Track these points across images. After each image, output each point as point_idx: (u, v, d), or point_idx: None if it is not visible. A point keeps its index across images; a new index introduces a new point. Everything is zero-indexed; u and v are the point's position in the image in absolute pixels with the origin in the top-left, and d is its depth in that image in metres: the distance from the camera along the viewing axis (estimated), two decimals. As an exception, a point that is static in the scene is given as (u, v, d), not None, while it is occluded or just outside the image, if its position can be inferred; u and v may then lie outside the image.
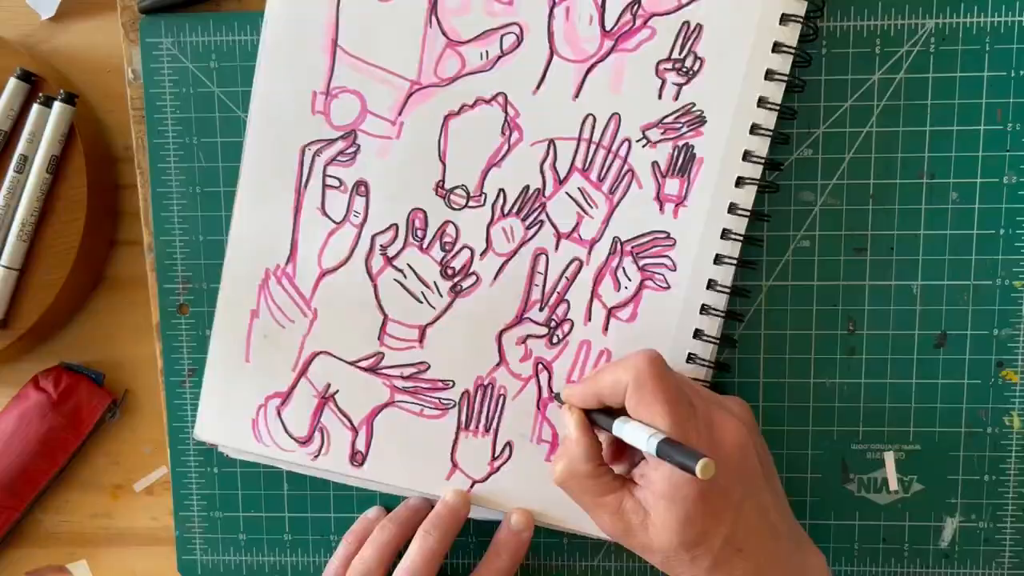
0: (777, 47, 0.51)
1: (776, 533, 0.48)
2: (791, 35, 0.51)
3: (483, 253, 0.55)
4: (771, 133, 0.52)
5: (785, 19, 0.51)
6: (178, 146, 0.58)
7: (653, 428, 0.45)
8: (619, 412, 0.49)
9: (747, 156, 0.52)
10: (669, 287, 0.54)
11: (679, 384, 0.48)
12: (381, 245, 0.55)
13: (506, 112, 0.53)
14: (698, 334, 0.54)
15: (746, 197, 0.53)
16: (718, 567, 0.46)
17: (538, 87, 0.53)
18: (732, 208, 0.53)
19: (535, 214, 0.54)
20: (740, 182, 0.52)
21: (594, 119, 0.53)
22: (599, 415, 0.50)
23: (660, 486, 0.46)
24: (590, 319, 0.55)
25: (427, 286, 0.55)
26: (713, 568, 0.46)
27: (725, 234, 0.53)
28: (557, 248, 0.54)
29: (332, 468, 0.57)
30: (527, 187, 0.54)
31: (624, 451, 0.52)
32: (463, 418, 0.56)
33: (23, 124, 0.57)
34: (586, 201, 0.54)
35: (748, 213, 0.53)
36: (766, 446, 0.53)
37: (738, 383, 0.57)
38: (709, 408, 0.48)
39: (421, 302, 0.56)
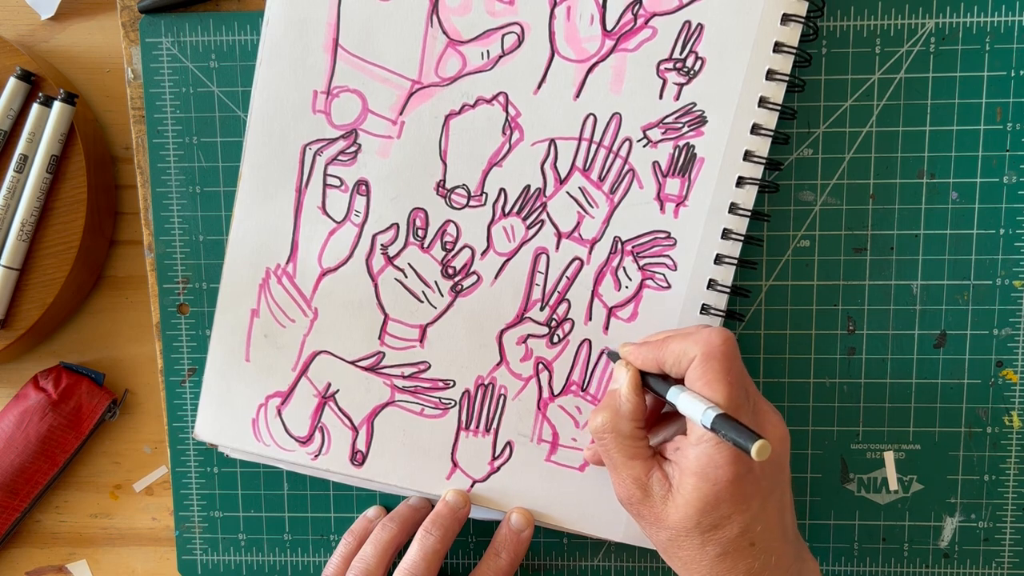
0: (778, 47, 0.51)
1: (786, 535, 0.48)
2: (792, 35, 0.51)
3: (484, 252, 0.55)
4: (772, 133, 0.52)
5: (786, 19, 0.51)
6: (178, 146, 0.58)
7: (710, 402, 0.45)
8: (673, 381, 0.49)
9: (748, 156, 0.52)
10: (669, 287, 0.54)
11: (742, 370, 0.48)
12: (382, 244, 0.55)
13: (507, 112, 0.54)
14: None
15: (746, 197, 0.53)
16: (726, 556, 0.46)
17: (539, 87, 0.53)
18: (732, 208, 0.53)
19: (536, 213, 0.54)
20: (741, 182, 0.53)
21: (595, 119, 0.53)
22: (654, 379, 0.50)
23: (694, 463, 0.46)
24: (591, 318, 0.55)
25: (428, 285, 0.55)
26: (721, 557, 0.46)
27: (725, 234, 0.53)
28: (558, 248, 0.54)
29: (332, 468, 0.57)
30: (528, 187, 0.54)
31: (658, 425, 0.53)
32: (463, 418, 0.56)
33: (23, 124, 0.57)
34: (587, 201, 0.54)
35: (748, 213, 0.53)
36: None
37: (738, 383, 0.57)
38: (759, 400, 0.49)
39: (422, 301, 0.56)
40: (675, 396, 0.47)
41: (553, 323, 0.55)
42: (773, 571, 0.47)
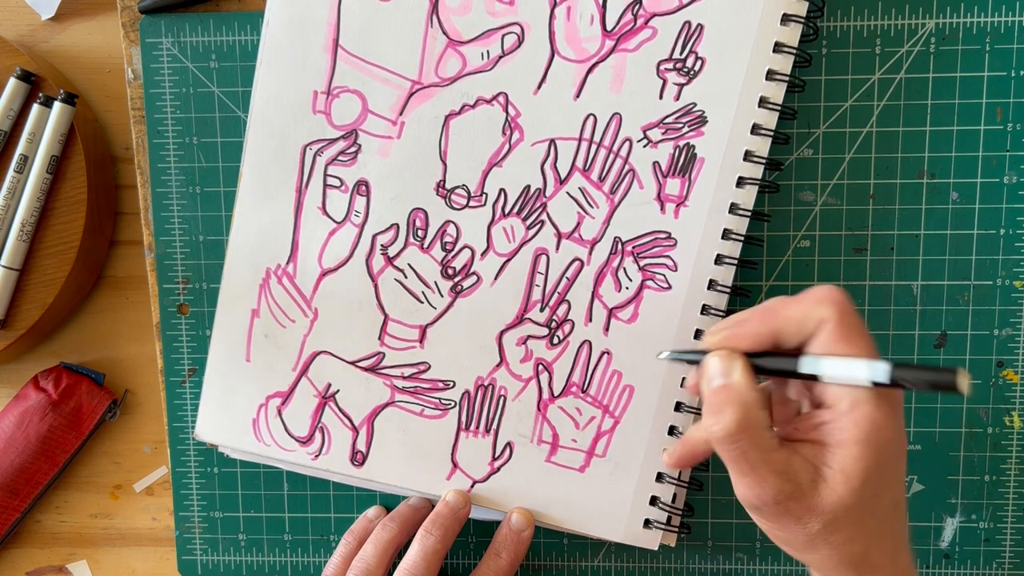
0: (778, 47, 0.51)
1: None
2: (792, 35, 0.51)
3: (484, 253, 0.55)
4: (772, 133, 0.52)
5: (786, 19, 0.51)
6: (178, 146, 0.58)
7: (869, 358, 0.41)
8: (782, 355, 0.44)
9: (748, 156, 0.52)
10: (670, 287, 0.54)
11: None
12: (382, 245, 0.55)
13: (507, 112, 0.53)
14: (699, 334, 0.54)
15: (747, 197, 0.53)
16: (885, 522, 0.43)
17: (539, 87, 0.53)
18: (733, 208, 0.53)
19: (536, 214, 0.54)
20: (741, 182, 0.53)
21: (595, 119, 0.53)
22: (767, 360, 0.44)
23: (855, 431, 0.41)
24: (591, 319, 0.55)
25: (428, 286, 0.55)
26: (875, 534, 0.43)
27: (726, 234, 0.53)
28: (558, 248, 0.54)
29: (332, 468, 0.57)
30: (528, 187, 0.54)
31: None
32: (463, 418, 0.56)
33: (23, 124, 0.57)
34: (587, 201, 0.54)
35: (749, 213, 0.53)
36: None
37: (738, 383, 0.57)
38: None
39: (422, 302, 0.56)
40: (814, 366, 0.42)
41: (553, 324, 0.55)
42: (903, 536, 0.44)
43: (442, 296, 0.55)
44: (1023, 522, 0.57)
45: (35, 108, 0.56)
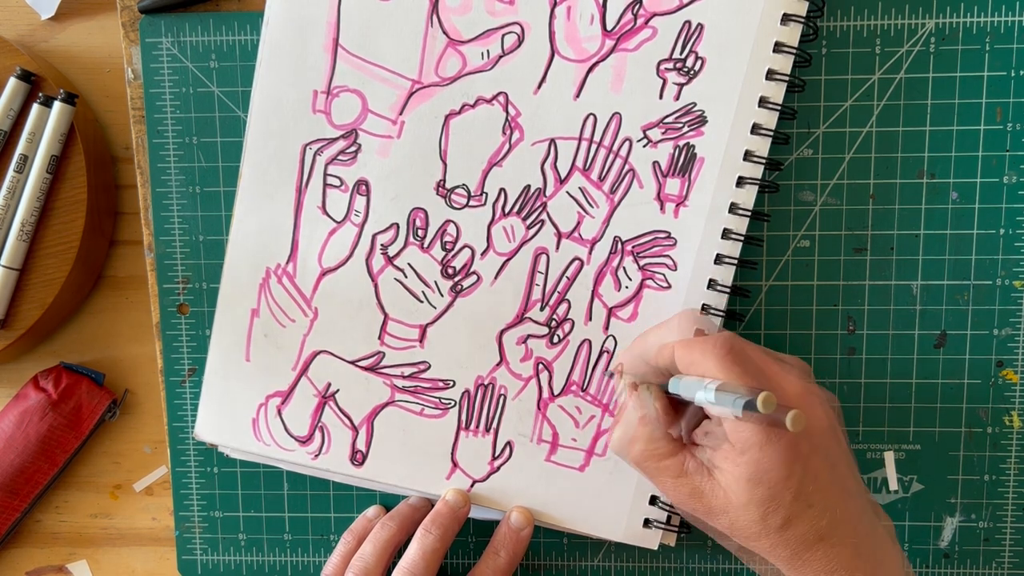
0: (778, 47, 0.51)
1: (846, 490, 0.47)
2: (792, 35, 0.51)
3: (484, 252, 0.55)
4: (772, 133, 0.52)
5: (786, 19, 0.51)
6: (178, 146, 0.58)
7: (706, 379, 0.44)
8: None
9: (748, 156, 0.52)
10: (670, 287, 0.54)
11: (728, 338, 0.46)
12: (382, 244, 0.55)
13: (507, 111, 0.54)
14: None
15: (747, 197, 0.53)
16: (790, 524, 0.45)
17: (539, 86, 0.53)
18: (733, 208, 0.53)
19: (536, 213, 0.54)
20: (741, 182, 0.53)
21: (595, 119, 0.53)
22: (653, 377, 0.50)
23: (723, 441, 0.45)
24: (591, 319, 0.55)
25: (428, 285, 0.55)
26: (785, 526, 0.45)
27: (726, 234, 0.53)
28: (558, 248, 0.54)
29: (332, 467, 0.57)
30: (528, 186, 0.54)
31: (677, 417, 0.51)
32: (463, 418, 0.56)
33: (23, 124, 0.57)
34: (587, 201, 0.54)
35: (748, 213, 0.53)
36: (832, 401, 0.50)
37: (738, 383, 0.57)
38: (765, 362, 0.48)
39: (422, 301, 0.56)
40: (675, 386, 0.47)
41: (553, 323, 0.55)
42: (841, 526, 0.46)
43: (442, 295, 0.55)
44: (1023, 522, 0.57)
45: (35, 108, 0.56)
